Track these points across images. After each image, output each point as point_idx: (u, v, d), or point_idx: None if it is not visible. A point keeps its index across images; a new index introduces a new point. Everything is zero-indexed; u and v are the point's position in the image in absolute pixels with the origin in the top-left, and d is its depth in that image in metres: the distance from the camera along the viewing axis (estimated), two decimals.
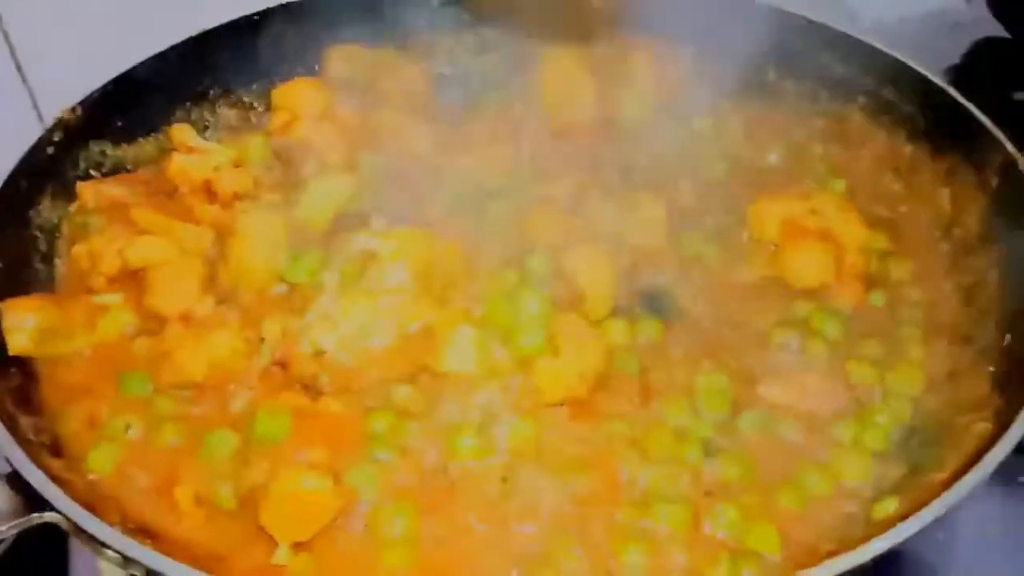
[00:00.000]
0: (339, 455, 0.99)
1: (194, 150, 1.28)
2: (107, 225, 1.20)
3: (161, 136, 1.33)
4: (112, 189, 1.25)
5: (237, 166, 1.28)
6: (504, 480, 0.99)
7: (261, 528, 0.93)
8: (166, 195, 1.26)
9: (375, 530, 0.95)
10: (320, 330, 1.08)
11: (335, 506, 0.95)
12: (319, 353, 1.07)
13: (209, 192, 1.24)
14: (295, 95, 1.35)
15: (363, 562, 0.93)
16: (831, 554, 0.83)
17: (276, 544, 0.92)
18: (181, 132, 1.31)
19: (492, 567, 0.93)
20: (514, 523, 0.96)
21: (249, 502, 0.96)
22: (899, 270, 1.20)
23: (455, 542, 0.95)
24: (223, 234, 1.19)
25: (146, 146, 1.33)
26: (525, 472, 0.99)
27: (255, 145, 1.31)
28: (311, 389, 1.05)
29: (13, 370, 1.02)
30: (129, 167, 1.30)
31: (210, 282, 1.15)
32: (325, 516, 0.95)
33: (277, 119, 1.33)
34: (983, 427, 0.94)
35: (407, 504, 0.96)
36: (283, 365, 1.07)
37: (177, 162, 1.26)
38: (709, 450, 1.01)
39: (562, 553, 0.94)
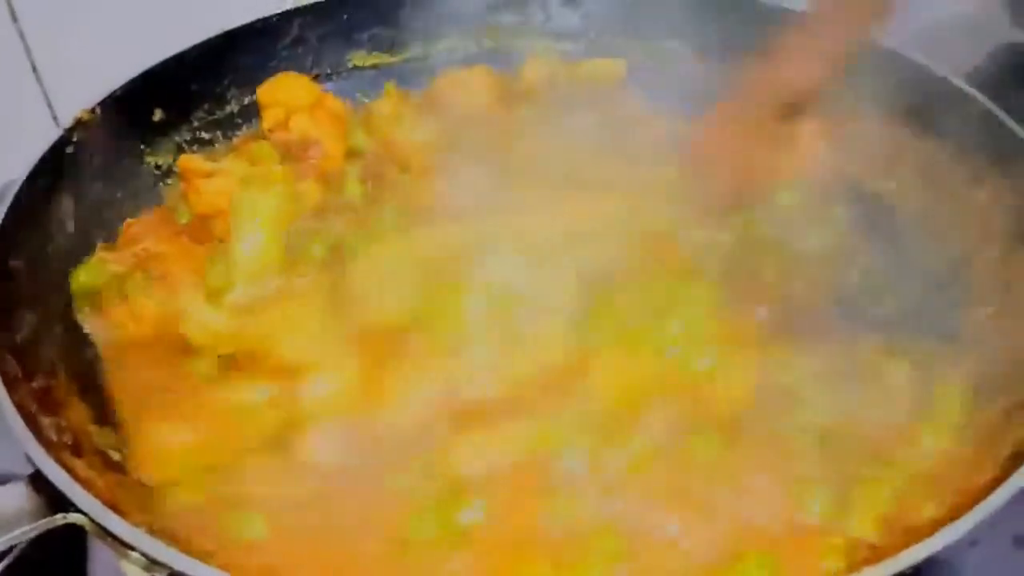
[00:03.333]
0: None
1: (212, 173, 1.21)
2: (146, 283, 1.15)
3: (177, 137, 1.32)
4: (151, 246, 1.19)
5: None
6: None
7: None
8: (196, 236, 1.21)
9: None
10: None
11: None
12: None
13: None
14: (283, 90, 1.31)
15: None
16: (867, 561, 0.81)
17: None
18: (191, 161, 1.24)
19: None
20: None
21: None
22: None
23: None
24: None
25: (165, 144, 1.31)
26: None
27: (259, 150, 1.27)
28: None
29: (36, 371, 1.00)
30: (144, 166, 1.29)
31: None
32: None
33: (270, 117, 1.29)
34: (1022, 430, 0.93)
35: None
36: None
37: (204, 193, 1.20)
38: None
39: None
